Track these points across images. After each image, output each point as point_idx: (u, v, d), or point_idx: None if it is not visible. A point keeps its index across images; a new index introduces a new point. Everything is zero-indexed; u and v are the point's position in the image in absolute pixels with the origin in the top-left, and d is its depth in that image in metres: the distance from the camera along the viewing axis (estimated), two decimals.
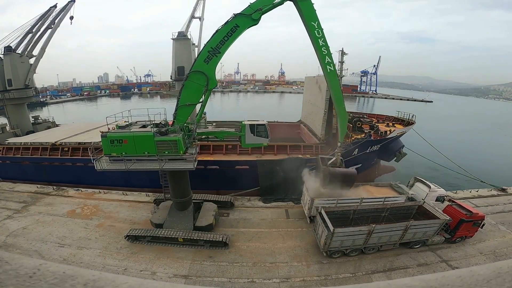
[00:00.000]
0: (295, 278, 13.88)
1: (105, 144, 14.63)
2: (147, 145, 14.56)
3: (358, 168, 26.65)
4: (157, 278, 13.92)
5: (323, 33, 15.48)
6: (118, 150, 14.65)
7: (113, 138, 14.52)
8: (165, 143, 14.62)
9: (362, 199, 18.11)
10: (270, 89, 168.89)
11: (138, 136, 14.58)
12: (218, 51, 14.31)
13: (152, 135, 14.47)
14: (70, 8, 35.36)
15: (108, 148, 14.67)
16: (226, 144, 24.48)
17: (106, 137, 14.57)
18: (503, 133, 65.60)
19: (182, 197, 17.42)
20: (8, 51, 30.67)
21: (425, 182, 20.39)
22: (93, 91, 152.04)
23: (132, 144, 14.54)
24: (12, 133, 31.30)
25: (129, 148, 14.59)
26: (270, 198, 22.28)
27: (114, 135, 14.61)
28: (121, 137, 14.55)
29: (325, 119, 26.00)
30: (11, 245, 16.57)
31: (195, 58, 14.94)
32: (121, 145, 14.54)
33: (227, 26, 14.10)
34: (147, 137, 14.56)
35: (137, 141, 14.55)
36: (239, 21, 14.13)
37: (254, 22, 14.28)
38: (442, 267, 14.98)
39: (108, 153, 14.78)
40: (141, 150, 14.63)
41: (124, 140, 14.51)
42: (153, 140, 14.48)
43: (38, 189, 24.71)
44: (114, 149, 14.66)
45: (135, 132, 14.75)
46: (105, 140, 14.58)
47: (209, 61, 14.49)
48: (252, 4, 14.06)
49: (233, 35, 14.22)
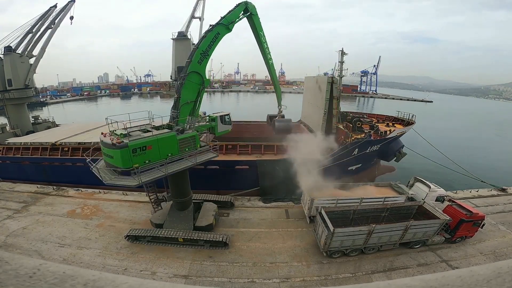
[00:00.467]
0: (295, 278, 13.88)
1: (125, 156, 12.59)
2: (171, 146, 14.24)
3: (358, 168, 26.71)
4: (157, 278, 13.92)
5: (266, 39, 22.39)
6: (141, 159, 13.02)
7: (135, 147, 12.78)
8: (186, 141, 14.77)
9: (362, 199, 18.12)
10: (270, 89, 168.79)
11: (162, 139, 13.81)
12: (207, 54, 16.66)
13: (175, 134, 14.38)
14: (70, 8, 35.40)
15: (129, 160, 12.68)
16: (226, 144, 24.49)
17: (128, 147, 12.53)
18: (503, 133, 65.60)
19: (182, 197, 17.42)
20: (8, 51, 30.68)
21: (425, 182, 20.39)
22: (93, 91, 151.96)
23: (157, 149, 13.58)
24: (12, 133, 31.31)
25: (153, 153, 13.44)
26: (270, 198, 22.27)
27: (137, 142, 12.93)
28: (145, 143, 13.13)
29: (325, 119, 26.00)
30: (11, 245, 16.56)
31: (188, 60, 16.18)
32: (145, 153, 13.15)
33: (211, 33, 16.82)
34: (171, 137, 14.20)
35: (161, 144, 13.79)
36: (220, 30, 17.31)
37: (229, 31, 18.07)
38: (442, 267, 14.98)
39: (128, 166, 12.68)
40: (165, 152, 13.95)
41: (148, 146, 13.23)
42: (176, 139, 14.37)
43: (38, 189, 24.70)
44: (137, 159, 12.87)
45: (158, 135, 13.90)
46: (125, 152, 12.51)
47: (201, 62, 16.37)
48: (227, 18, 17.83)
49: (216, 40, 17.06)
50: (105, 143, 13.21)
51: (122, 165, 12.76)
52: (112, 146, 12.68)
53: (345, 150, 23.63)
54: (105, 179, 12.99)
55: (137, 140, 13.16)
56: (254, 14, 20.24)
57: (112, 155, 12.99)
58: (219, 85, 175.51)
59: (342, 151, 23.64)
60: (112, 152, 12.89)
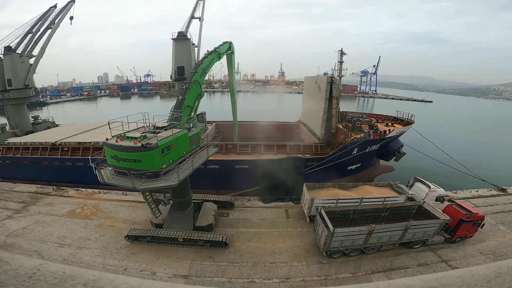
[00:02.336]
0: (295, 278, 13.88)
1: (156, 157, 12.31)
2: (185, 144, 14.75)
3: (358, 168, 26.74)
4: (157, 278, 13.91)
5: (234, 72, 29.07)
6: (167, 159, 12.97)
7: (163, 147, 12.52)
8: (193, 138, 15.52)
9: (362, 198, 18.12)
10: (270, 89, 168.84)
11: (180, 137, 14.05)
12: (205, 72, 21.94)
13: (187, 132, 14.84)
14: (70, 8, 35.39)
15: (159, 161, 12.48)
16: (225, 144, 24.51)
17: (158, 147, 12.26)
18: (503, 132, 65.63)
19: (182, 197, 17.42)
20: (8, 51, 30.68)
21: (424, 182, 20.40)
22: (93, 91, 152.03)
23: (177, 148, 13.73)
24: (12, 133, 31.31)
25: (174, 153, 13.57)
26: (270, 198, 22.26)
27: (164, 142, 12.70)
28: (169, 143, 13.07)
29: (324, 119, 26.02)
30: (11, 245, 16.55)
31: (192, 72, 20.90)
32: (169, 152, 13.14)
33: (210, 56, 22.43)
34: (185, 136, 14.69)
35: (180, 142, 13.98)
36: (215, 56, 23.00)
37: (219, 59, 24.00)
38: (442, 267, 14.99)
39: (159, 167, 12.56)
40: (181, 151, 14.39)
41: (171, 145, 13.25)
42: (188, 137, 14.89)
43: (38, 189, 24.69)
44: (164, 159, 12.72)
45: (177, 134, 13.97)
46: (155, 153, 12.22)
47: (202, 76, 21.31)
48: (219, 50, 23.51)
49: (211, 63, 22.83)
50: (127, 147, 12.27)
51: (154, 167, 12.41)
52: (142, 149, 12.02)
53: (345, 149, 23.64)
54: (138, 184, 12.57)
55: (164, 140, 12.90)
56: (233, 52, 26.12)
57: (140, 158, 12.21)
58: (219, 85, 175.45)
59: (342, 151, 23.65)
60: (141, 155, 12.15)
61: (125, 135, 13.41)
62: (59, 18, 34.16)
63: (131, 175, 12.36)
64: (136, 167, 12.40)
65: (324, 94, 25.40)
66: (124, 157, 12.45)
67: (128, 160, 12.40)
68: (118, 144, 12.51)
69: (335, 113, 26.35)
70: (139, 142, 12.20)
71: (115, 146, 12.54)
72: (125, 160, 12.47)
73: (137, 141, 12.38)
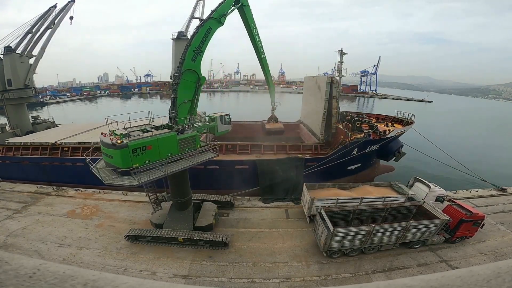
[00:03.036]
0: (295, 278, 13.88)
1: (125, 157, 12.64)
2: (171, 145, 14.38)
3: (358, 168, 26.73)
4: (157, 278, 13.92)
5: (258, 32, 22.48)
6: (141, 160, 13.09)
7: (135, 147, 12.83)
8: (186, 140, 14.86)
9: (362, 198, 18.12)
10: None
11: (162, 138, 13.92)
12: (200, 50, 16.02)
13: (175, 134, 14.47)
14: (70, 8, 35.39)
15: (129, 160, 12.73)
16: (225, 144, 24.50)
17: (128, 147, 12.55)
18: (502, 132, 65.62)
19: (182, 197, 17.42)
20: (8, 51, 30.68)
21: (424, 182, 20.40)
22: (93, 91, 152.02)
23: (157, 149, 13.68)
24: (12, 133, 31.31)
25: (153, 154, 13.53)
26: (270, 198, 22.27)
27: (137, 142, 12.99)
28: (144, 143, 13.20)
29: (324, 119, 26.02)
30: (11, 245, 16.55)
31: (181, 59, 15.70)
32: (145, 152, 13.23)
33: (203, 28, 16.11)
34: (171, 137, 14.32)
35: (161, 143, 13.91)
36: (211, 24, 16.58)
37: (221, 24, 17.30)
38: (442, 267, 14.99)
39: (128, 166, 12.72)
40: (165, 152, 14.08)
41: (148, 146, 13.31)
42: (176, 139, 14.49)
43: (38, 189, 24.69)
44: (137, 159, 12.91)
45: (158, 135, 13.98)
46: (124, 152, 12.54)
47: (195, 59, 15.85)
48: (218, 11, 17.06)
49: (208, 35, 16.38)
50: (105, 143, 13.17)
51: (122, 165, 12.79)
52: (112, 146, 12.66)
53: (345, 150, 23.64)
54: (105, 179, 12.99)
55: (137, 140, 13.17)
56: (246, 5, 19.97)
57: (112, 155, 12.99)
58: (219, 85, 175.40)
59: (342, 151, 23.65)
60: (112, 152, 12.88)
61: (114, 131, 13.92)
62: (59, 18, 34.17)
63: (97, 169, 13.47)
64: (110, 162, 13.51)
65: (324, 94, 25.40)
66: (105, 152, 13.67)
67: (107, 155, 13.56)
68: (101, 139, 13.65)
69: (335, 113, 26.35)
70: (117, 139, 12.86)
71: (101, 141, 13.68)
72: (105, 154, 13.74)
73: (115, 138, 13.11)
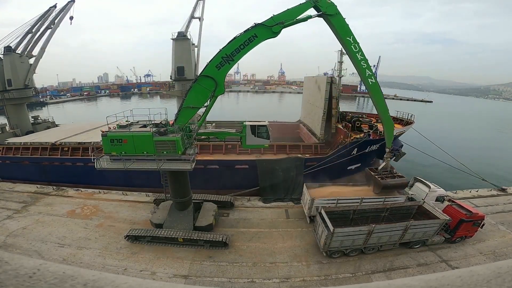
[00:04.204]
0: (295, 278, 13.88)
1: (106, 143, 14.76)
2: (146, 145, 14.62)
3: (358, 168, 26.73)
4: (157, 278, 13.92)
5: (360, 47, 15.54)
6: (118, 150, 14.78)
7: (113, 138, 14.64)
8: (164, 143, 14.58)
9: (363, 199, 18.12)
10: (270, 89, 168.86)
11: (137, 136, 14.63)
12: (232, 59, 14.01)
13: (151, 135, 14.46)
14: (70, 8, 35.39)
15: (108, 147, 14.80)
16: (226, 144, 24.49)
17: (107, 136, 14.69)
18: (503, 132, 65.63)
19: (182, 197, 17.42)
20: (8, 51, 30.66)
21: (425, 182, 20.38)
22: (93, 91, 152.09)
23: (132, 144, 14.62)
24: (12, 133, 31.29)
25: (128, 147, 14.68)
26: (270, 198, 22.26)
27: (114, 134, 14.71)
28: (120, 136, 14.64)
29: (324, 119, 26.01)
30: (11, 245, 16.55)
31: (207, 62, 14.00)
32: (121, 145, 14.66)
33: (245, 35, 13.81)
34: (146, 136, 14.57)
35: (136, 140, 14.61)
36: (259, 31, 13.91)
37: (274, 35, 14.11)
38: (442, 267, 14.99)
39: (108, 152, 14.92)
40: (140, 150, 14.71)
41: (124, 139, 14.61)
42: (152, 140, 14.47)
43: (38, 189, 24.69)
44: (114, 149, 14.78)
45: (134, 132, 14.80)
46: (105, 139, 14.71)
47: (221, 67, 14.11)
48: (275, 17, 13.84)
49: (250, 44, 13.98)
50: None
51: (104, 150, 15.12)
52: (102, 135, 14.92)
53: (345, 150, 23.64)
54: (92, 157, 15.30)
55: (115, 132, 14.92)
56: (332, 13, 14.80)
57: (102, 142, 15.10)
58: None
59: (342, 151, 23.65)
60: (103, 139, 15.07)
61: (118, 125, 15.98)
62: (59, 18, 34.16)
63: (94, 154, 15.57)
64: None
65: (324, 94, 25.38)
66: None
67: None
68: None
69: (335, 113, 26.34)
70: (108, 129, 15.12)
71: None
72: None
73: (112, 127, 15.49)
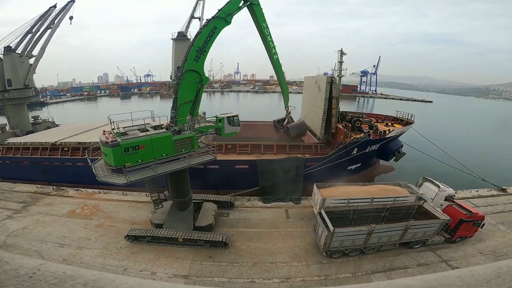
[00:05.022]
0: (295, 278, 13.89)
1: (117, 155, 12.86)
2: (166, 146, 14.36)
3: (358, 168, 26.74)
4: (157, 278, 13.92)
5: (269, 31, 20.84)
6: (133, 159, 13.26)
7: (128, 146, 13.02)
8: (183, 141, 14.81)
9: (373, 198, 18.00)
10: (270, 89, 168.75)
11: (156, 139, 13.95)
12: (204, 50, 15.70)
13: (171, 135, 14.44)
14: (70, 8, 35.40)
15: (121, 159, 12.93)
16: (225, 143, 24.50)
17: (120, 146, 12.79)
18: (502, 132, 65.61)
19: (182, 197, 17.42)
20: (8, 51, 30.68)
21: (434, 182, 20.01)
22: (93, 91, 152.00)
23: (150, 149, 13.75)
24: (12, 133, 31.30)
25: (146, 153, 13.62)
26: (270, 198, 22.26)
27: (129, 142, 13.14)
28: (137, 143, 13.30)
29: (324, 119, 26.01)
30: (11, 245, 16.55)
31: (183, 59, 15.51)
32: (137, 152, 13.36)
33: (207, 28, 15.79)
34: (166, 138, 14.31)
35: (155, 143, 13.94)
36: (217, 23, 16.16)
37: (228, 23, 16.79)
38: (442, 267, 14.99)
39: (119, 164, 12.93)
40: (160, 152, 14.14)
41: (141, 145, 13.42)
42: (171, 140, 14.44)
43: (38, 189, 24.69)
44: (129, 158, 13.10)
45: (153, 135, 14.03)
46: (116, 150, 12.80)
47: (198, 59, 15.58)
48: (224, 9, 16.51)
49: (213, 35, 16.02)
50: (101, 141, 13.63)
51: (114, 163, 13.06)
52: (106, 144, 13.06)
53: (345, 149, 23.64)
54: (99, 175, 13.30)
55: (129, 139, 13.35)
56: (256, 3, 18.79)
57: (106, 153, 13.45)
58: (219, 85, 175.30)
59: (342, 151, 23.66)
60: (106, 150, 13.25)
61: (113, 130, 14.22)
62: (59, 18, 34.18)
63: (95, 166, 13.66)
64: (105, 159, 14.05)
65: (324, 94, 25.39)
66: (102, 150, 14.15)
67: (104, 153, 14.02)
68: (100, 138, 14.02)
69: (335, 113, 26.34)
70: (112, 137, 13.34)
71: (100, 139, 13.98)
72: (103, 153, 14.19)
73: (111, 136, 13.55)
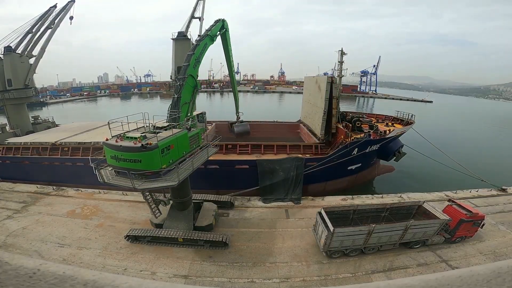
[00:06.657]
0: (295, 278, 13.88)
1: (156, 157, 12.37)
2: (185, 143, 14.86)
3: (358, 168, 26.75)
4: (157, 278, 13.92)
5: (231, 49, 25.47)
6: (167, 160, 13.04)
7: (164, 147, 12.59)
8: (194, 138, 15.58)
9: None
10: (270, 89, 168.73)
11: (180, 137, 14.13)
12: (199, 60, 18.72)
13: (187, 132, 14.88)
14: (70, 8, 35.41)
15: (159, 161, 12.55)
16: (225, 143, 24.52)
17: (158, 148, 12.32)
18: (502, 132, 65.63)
19: (182, 197, 17.42)
20: (8, 51, 30.66)
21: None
22: (93, 91, 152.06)
23: (176, 147, 13.80)
24: (12, 133, 31.29)
25: (174, 153, 13.63)
26: (270, 198, 22.26)
27: (165, 142, 12.80)
28: (169, 142, 13.15)
29: (324, 119, 26.02)
30: (11, 245, 16.55)
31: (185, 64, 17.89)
32: (169, 152, 13.21)
33: (202, 43, 19.08)
34: (185, 136, 14.79)
35: (180, 142, 14.12)
36: (208, 41, 19.71)
37: (213, 42, 20.65)
38: (442, 267, 14.98)
39: (158, 167, 12.61)
40: (182, 150, 14.48)
41: (171, 145, 13.34)
42: (187, 137, 14.96)
43: (38, 189, 24.69)
44: (164, 160, 12.76)
45: (177, 134, 14.02)
46: (156, 153, 12.28)
47: (195, 67, 18.20)
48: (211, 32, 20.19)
49: (204, 50, 19.32)
50: (127, 147, 12.32)
51: (153, 167, 12.50)
52: (142, 149, 12.06)
53: (345, 149, 23.64)
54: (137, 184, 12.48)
55: (164, 140, 12.98)
56: (227, 29, 23.44)
57: (140, 158, 12.22)
58: (219, 85, 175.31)
59: (342, 151, 23.65)
60: (141, 155, 12.17)
61: (125, 135, 13.53)
62: (59, 18, 34.18)
63: (131, 175, 12.36)
64: (136, 167, 12.41)
65: (324, 94, 25.40)
66: (124, 157, 12.49)
67: (128, 160, 12.45)
68: (118, 145, 12.56)
69: (335, 113, 26.35)
70: (139, 142, 12.29)
71: (115, 146, 12.61)
72: (125, 160, 12.52)
73: (137, 141, 12.48)
